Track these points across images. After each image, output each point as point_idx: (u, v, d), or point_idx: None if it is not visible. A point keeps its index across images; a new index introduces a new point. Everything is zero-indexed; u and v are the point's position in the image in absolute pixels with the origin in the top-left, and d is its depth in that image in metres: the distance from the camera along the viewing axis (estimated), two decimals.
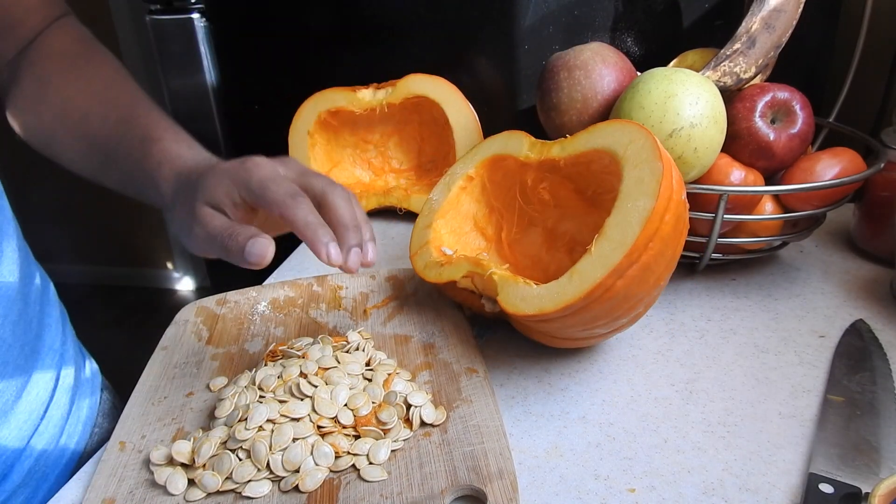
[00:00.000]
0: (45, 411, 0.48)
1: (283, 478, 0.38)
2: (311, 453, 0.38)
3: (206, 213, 0.42)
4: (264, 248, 0.40)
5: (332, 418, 0.40)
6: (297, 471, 0.38)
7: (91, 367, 0.57)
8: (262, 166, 0.43)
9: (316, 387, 0.42)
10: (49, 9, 0.54)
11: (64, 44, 0.54)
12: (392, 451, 0.40)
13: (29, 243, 0.52)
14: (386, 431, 0.40)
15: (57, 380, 0.50)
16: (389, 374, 0.44)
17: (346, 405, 0.41)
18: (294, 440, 0.38)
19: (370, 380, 0.44)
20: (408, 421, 0.41)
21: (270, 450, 0.38)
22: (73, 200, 2.31)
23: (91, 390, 0.55)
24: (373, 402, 0.42)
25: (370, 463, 0.39)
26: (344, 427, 0.40)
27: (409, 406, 0.42)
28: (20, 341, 0.46)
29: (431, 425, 0.41)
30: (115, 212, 2.33)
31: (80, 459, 0.51)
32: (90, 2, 2.06)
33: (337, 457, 0.39)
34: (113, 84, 0.53)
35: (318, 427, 0.40)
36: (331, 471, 0.39)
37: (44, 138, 0.53)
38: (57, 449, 0.49)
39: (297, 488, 0.37)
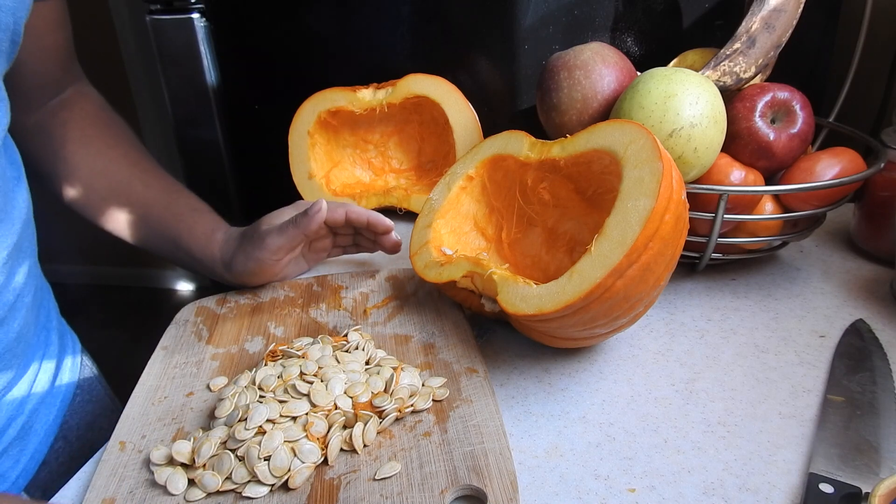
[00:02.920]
0: (35, 377, 0.52)
1: (274, 483, 0.38)
2: (296, 455, 0.38)
3: (268, 229, 0.54)
4: (321, 203, 0.54)
5: (330, 408, 0.41)
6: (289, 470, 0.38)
7: (72, 336, 0.62)
8: (299, 205, 0.58)
9: (311, 384, 0.42)
10: (73, 69, 0.59)
11: (94, 109, 0.60)
12: (393, 452, 0.40)
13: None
14: (381, 415, 0.41)
15: (44, 353, 0.54)
16: (395, 368, 0.44)
17: (345, 392, 0.42)
18: (284, 442, 0.38)
19: (375, 374, 0.44)
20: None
21: (260, 456, 0.38)
22: None
23: (72, 356, 0.59)
24: (372, 392, 0.42)
25: (364, 445, 0.40)
26: (345, 413, 0.41)
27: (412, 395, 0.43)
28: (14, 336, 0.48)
29: (426, 411, 0.42)
30: None
31: (64, 416, 0.55)
32: (90, 2, 2.06)
33: (325, 445, 0.39)
34: (143, 154, 0.60)
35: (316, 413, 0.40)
36: (329, 465, 0.39)
37: (73, 193, 0.58)
38: (44, 406, 0.53)
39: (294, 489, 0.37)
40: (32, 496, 0.45)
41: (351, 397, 0.42)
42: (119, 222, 0.58)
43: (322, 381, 0.43)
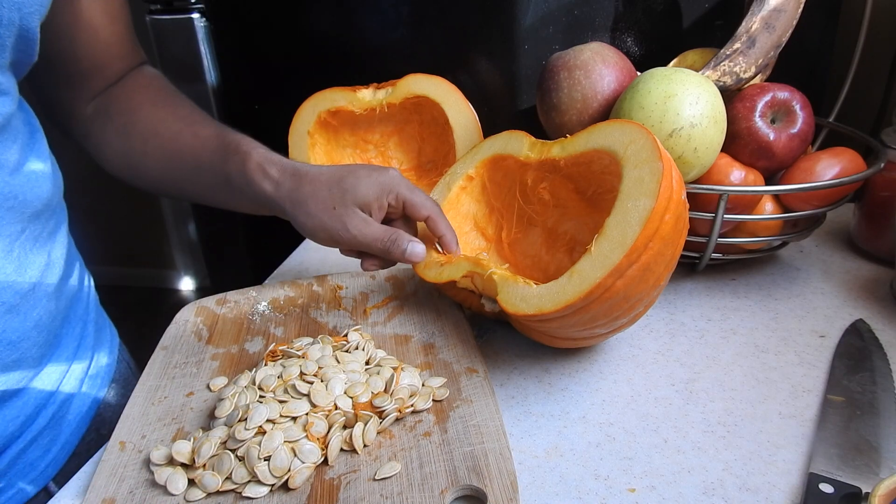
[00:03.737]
0: (68, 368, 0.52)
1: (274, 483, 0.38)
2: (296, 455, 0.38)
3: (359, 218, 0.51)
4: (423, 250, 0.51)
5: (331, 409, 0.41)
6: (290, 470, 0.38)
7: (111, 330, 0.62)
8: (398, 175, 0.53)
9: (312, 384, 0.42)
10: (132, 55, 0.60)
11: (150, 80, 0.60)
12: (393, 452, 0.40)
13: None
14: (381, 415, 0.41)
15: (79, 344, 0.54)
16: (395, 368, 0.44)
17: (345, 392, 0.42)
18: (284, 442, 0.38)
19: (375, 374, 0.44)
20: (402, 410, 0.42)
21: (260, 457, 0.38)
22: (74, 200, 2.30)
23: (110, 350, 0.59)
24: (372, 392, 0.42)
25: (364, 445, 0.40)
26: (345, 413, 0.41)
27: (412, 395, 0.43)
28: (48, 329, 0.48)
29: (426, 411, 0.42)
30: (115, 212, 2.33)
31: (98, 408, 0.55)
32: None
33: (325, 445, 0.39)
34: (196, 109, 0.59)
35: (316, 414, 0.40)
36: (329, 465, 0.39)
37: (131, 160, 0.58)
38: (77, 397, 0.53)
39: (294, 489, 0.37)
40: (60, 485, 0.44)
41: (351, 397, 0.42)
42: (156, 179, 0.58)
43: (322, 381, 0.43)
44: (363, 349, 0.47)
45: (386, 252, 0.51)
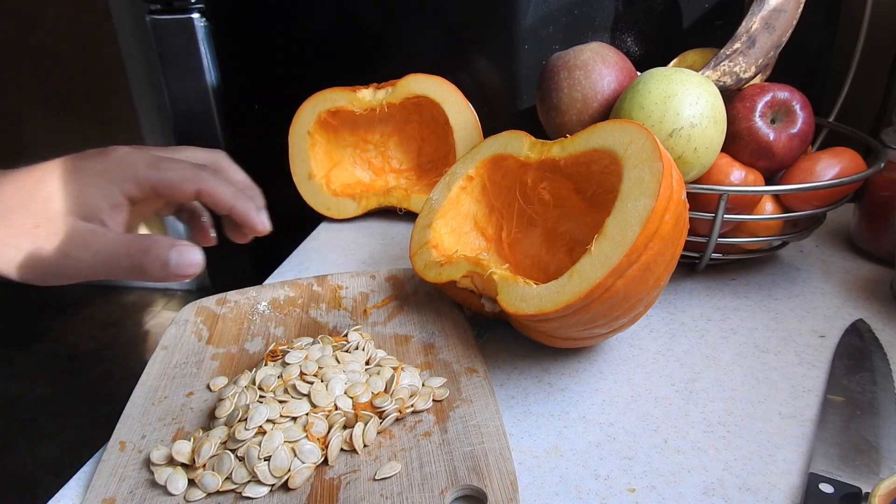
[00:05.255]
0: None
1: (274, 483, 0.38)
2: (296, 455, 0.38)
3: (82, 232, 0.35)
4: (195, 257, 0.35)
5: (331, 409, 0.41)
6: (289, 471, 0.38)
7: None
8: (131, 153, 0.36)
9: (312, 384, 0.42)
10: None
11: None
12: (393, 452, 0.40)
13: None
14: (381, 415, 0.41)
15: None
16: (395, 368, 0.44)
17: (345, 392, 0.42)
18: (284, 442, 0.38)
19: (375, 374, 0.44)
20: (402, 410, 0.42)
21: (260, 457, 0.38)
22: None
23: None
24: (372, 392, 0.42)
25: (364, 445, 0.40)
26: (345, 413, 0.41)
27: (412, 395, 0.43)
28: None
29: (426, 411, 0.42)
30: None
31: None
32: (90, 2, 2.06)
33: (325, 445, 0.39)
34: None
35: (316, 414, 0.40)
36: (329, 465, 0.39)
37: None
38: None
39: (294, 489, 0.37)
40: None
41: (351, 397, 0.42)
42: None
43: (322, 381, 0.43)
44: (363, 349, 0.47)
45: (140, 270, 0.35)
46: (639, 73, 0.56)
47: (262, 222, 0.40)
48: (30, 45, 2.20)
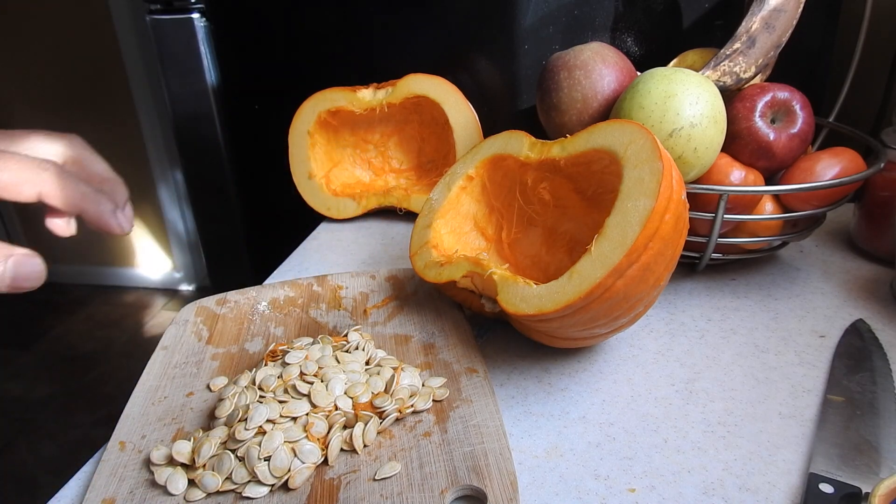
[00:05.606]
0: None
1: (274, 483, 0.38)
2: (296, 455, 0.38)
3: None
4: (36, 267, 0.30)
5: (331, 409, 0.41)
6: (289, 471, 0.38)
7: None
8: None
9: (312, 384, 0.42)
10: None
11: None
12: (393, 452, 0.40)
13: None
14: (381, 415, 0.41)
15: None
16: (395, 368, 0.44)
17: (345, 392, 0.42)
18: (284, 442, 0.38)
19: (375, 374, 0.44)
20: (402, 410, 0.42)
21: (260, 457, 0.38)
22: None
23: None
24: (372, 392, 0.42)
25: (364, 445, 0.40)
26: (345, 413, 0.41)
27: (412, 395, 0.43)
28: None
29: (426, 411, 0.42)
30: None
31: None
32: (90, 2, 2.06)
33: (325, 446, 0.39)
34: None
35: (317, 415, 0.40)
36: (329, 465, 0.39)
37: None
38: None
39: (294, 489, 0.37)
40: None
41: (351, 398, 0.42)
42: None
43: (322, 381, 0.43)
44: (363, 349, 0.47)
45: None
46: (639, 73, 0.56)
47: (118, 225, 0.34)
48: (30, 45, 2.20)
